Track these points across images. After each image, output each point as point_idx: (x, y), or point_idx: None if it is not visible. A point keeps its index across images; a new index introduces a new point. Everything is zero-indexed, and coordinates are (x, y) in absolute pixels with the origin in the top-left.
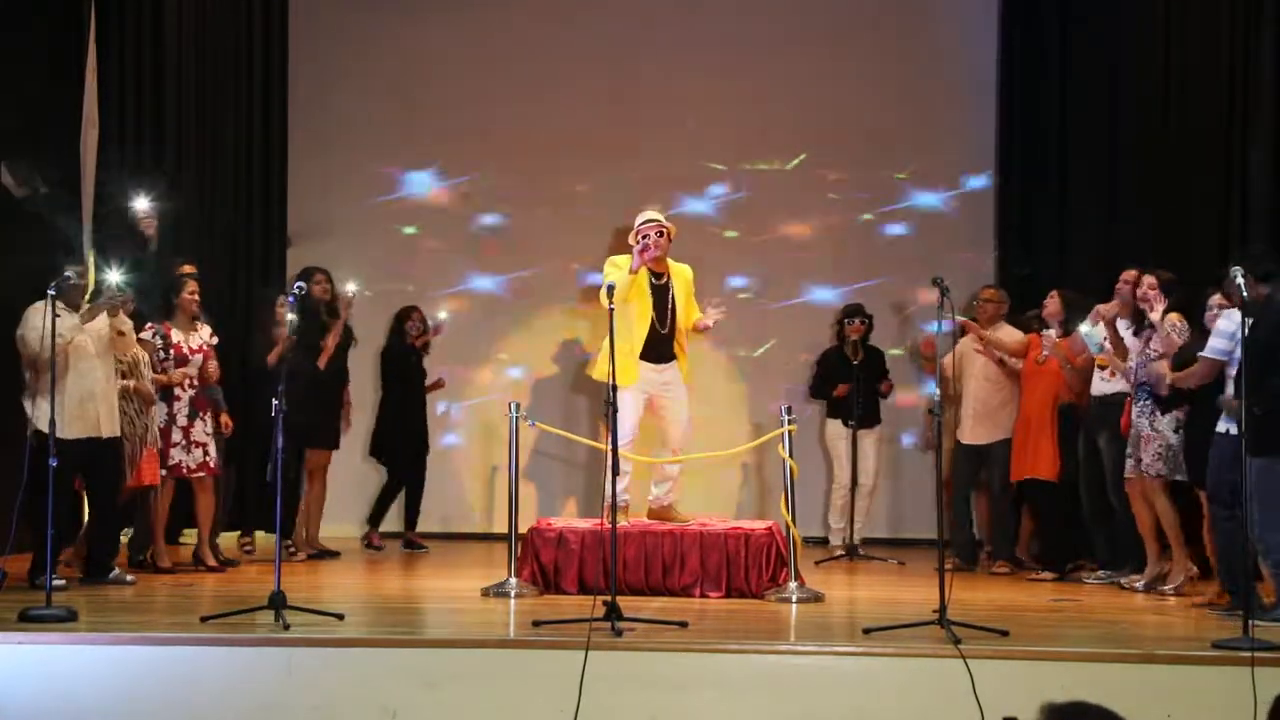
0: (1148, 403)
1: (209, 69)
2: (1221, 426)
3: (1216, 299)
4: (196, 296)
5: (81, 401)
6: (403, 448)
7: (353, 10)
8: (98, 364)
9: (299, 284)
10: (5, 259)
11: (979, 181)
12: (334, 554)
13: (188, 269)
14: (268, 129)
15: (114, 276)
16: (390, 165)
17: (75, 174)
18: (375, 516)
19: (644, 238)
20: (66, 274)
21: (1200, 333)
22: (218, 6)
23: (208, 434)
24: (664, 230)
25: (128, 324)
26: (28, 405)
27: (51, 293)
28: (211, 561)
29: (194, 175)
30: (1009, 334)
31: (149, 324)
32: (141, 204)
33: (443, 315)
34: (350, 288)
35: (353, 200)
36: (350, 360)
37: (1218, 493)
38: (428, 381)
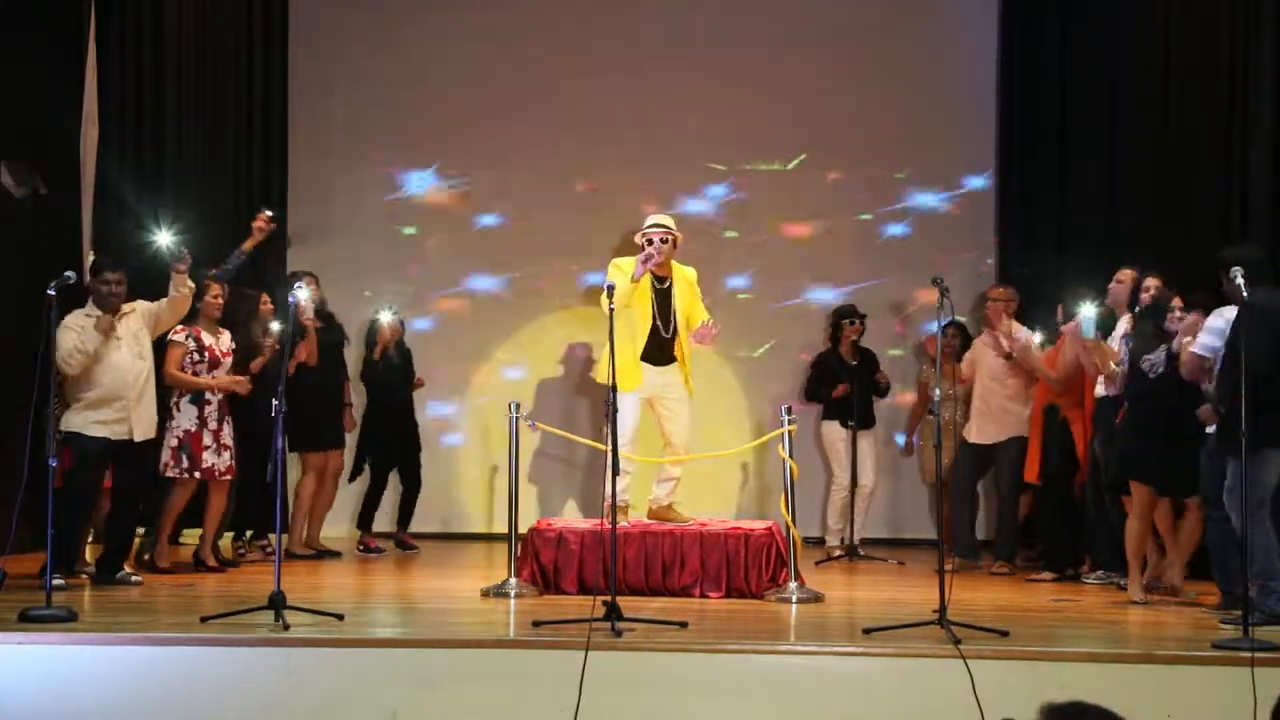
0: None
1: (209, 69)
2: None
3: (1177, 302)
4: (220, 300)
5: (115, 406)
6: (386, 451)
7: (353, 10)
8: (131, 366)
9: (298, 285)
10: (10, 261)
11: (979, 181)
12: (334, 554)
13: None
14: (268, 129)
15: (165, 238)
16: (390, 165)
17: (75, 174)
18: (365, 520)
19: (648, 243)
20: (66, 274)
21: (1155, 335)
22: (218, 6)
23: (233, 437)
24: (669, 237)
25: (190, 286)
26: (56, 408)
27: (51, 293)
28: (212, 562)
29: (194, 175)
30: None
31: (179, 326)
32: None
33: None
34: (303, 294)
35: (353, 200)
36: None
37: (1212, 496)
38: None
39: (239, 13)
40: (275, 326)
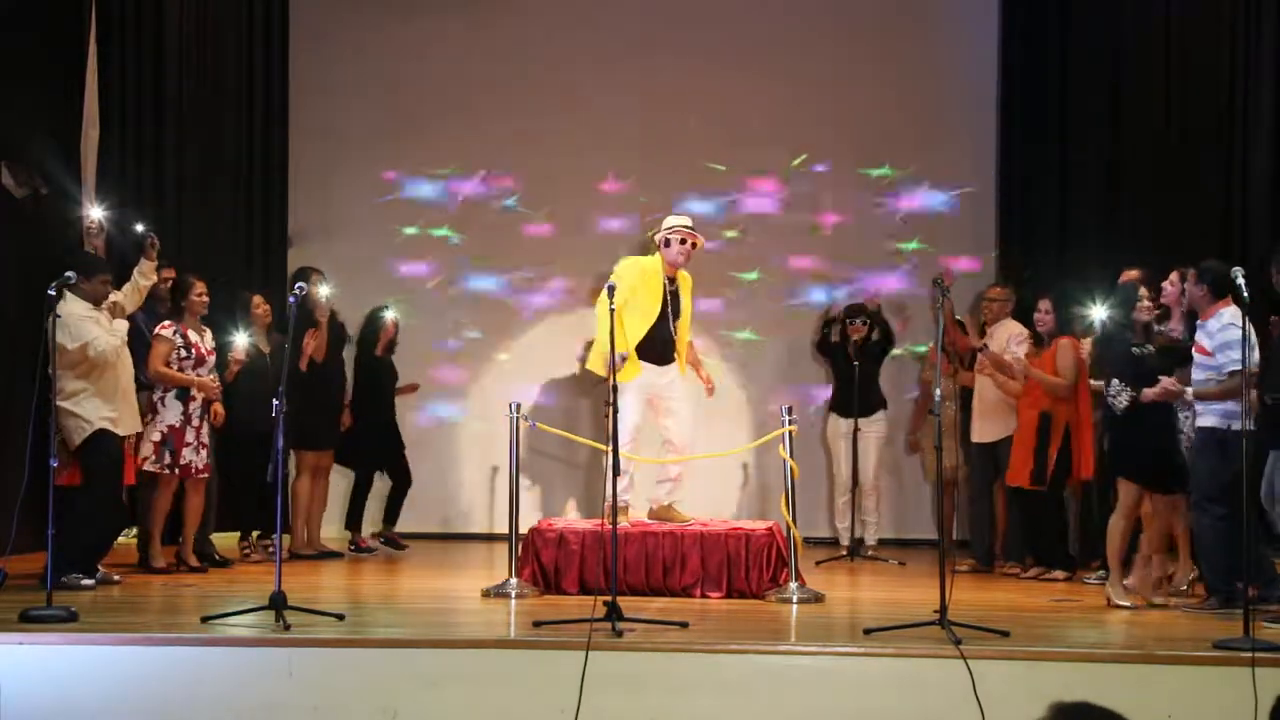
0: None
1: (209, 69)
2: (1207, 422)
3: (1144, 292)
4: (205, 298)
5: (121, 400)
6: (373, 449)
7: (353, 11)
8: (128, 360)
9: (300, 285)
10: (10, 261)
11: (979, 182)
12: (336, 554)
13: (168, 274)
14: (268, 130)
15: (139, 226)
16: (391, 165)
17: (75, 174)
18: (354, 520)
19: (681, 242)
20: (66, 274)
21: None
22: (218, 6)
23: (210, 434)
24: (687, 238)
25: (152, 278)
26: (78, 408)
27: (52, 293)
28: (194, 562)
29: (194, 176)
30: (1006, 330)
31: (167, 322)
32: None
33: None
34: (324, 290)
35: (353, 200)
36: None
37: (1209, 491)
38: (400, 384)
39: (239, 12)
40: (240, 341)
